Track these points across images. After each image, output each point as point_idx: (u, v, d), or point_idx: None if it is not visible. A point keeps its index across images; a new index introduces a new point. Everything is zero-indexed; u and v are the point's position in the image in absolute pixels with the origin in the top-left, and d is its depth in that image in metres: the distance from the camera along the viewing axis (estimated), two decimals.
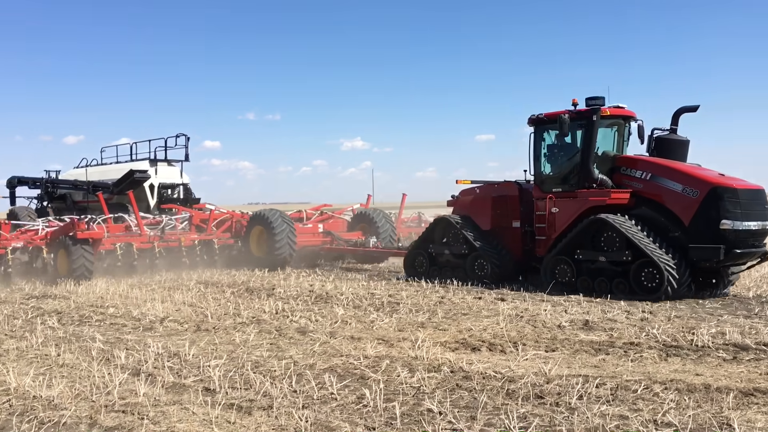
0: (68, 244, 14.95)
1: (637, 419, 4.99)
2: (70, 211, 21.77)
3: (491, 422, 5.02)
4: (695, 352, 7.27)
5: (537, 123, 13.20)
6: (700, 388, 5.81)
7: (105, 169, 23.10)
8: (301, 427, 4.92)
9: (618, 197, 12.02)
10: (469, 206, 14.35)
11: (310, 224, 19.14)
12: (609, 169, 12.54)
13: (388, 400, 5.55)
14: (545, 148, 13.24)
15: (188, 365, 6.91)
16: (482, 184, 14.58)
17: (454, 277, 13.73)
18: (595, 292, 11.49)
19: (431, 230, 14.82)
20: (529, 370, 6.51)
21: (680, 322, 8.93)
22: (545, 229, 12.77)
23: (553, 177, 13.03)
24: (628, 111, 12.77)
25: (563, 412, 5.22)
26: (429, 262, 14.54)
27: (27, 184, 23.91)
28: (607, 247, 11.70)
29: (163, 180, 21.62)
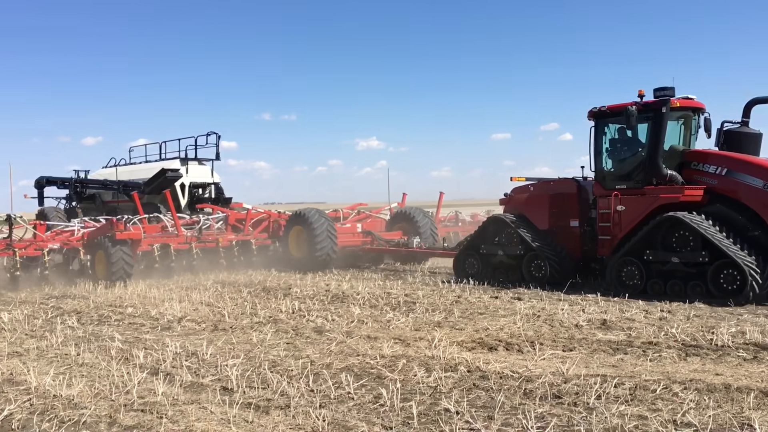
0: (107, 245, 14.48)
1: (656, 419, 4.95)
2: (99, 212, 21.52)
3: (508, 422, 5.00)
4: (715, 352, 7.20)
5: (598, 116, 12.56)
6: (720, 388, 5.75)
7: (134, 168, 22.79)
8: (318, 426, 4.93)
9: (692, 194, 11.37)
10: (524, 204, 13.69)
11: (348, 224, 18.64)
12: (677, 164, 11.91)
13: (404, 400, 5.54)
14: (607, 142, 12.60)
15: (206, 364, 6.95)
16: (536, 181, 14.05)
17: (508, 279, 13.24)
18: (667, 295, 10.87)
19: (483, 230, 14.18)
20: (546, 369, 6.48)
21: (699, 322, 8.84)
22: (610, 228, 12.10)
23: (616, 173, 12.39)
24: (697, 102, 12.15)
25: (581, 412, 5.19)
26: (480, 263, 13.94)
27: (56, 184, 23.52)
28: (680, 248, 11.03)
29: (193, 179, 21.24)
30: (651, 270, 11.34)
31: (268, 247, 18.06)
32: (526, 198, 13.73)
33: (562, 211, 13.14)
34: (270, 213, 18.91)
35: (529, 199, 13.68)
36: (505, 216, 13.72)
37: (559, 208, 13.16)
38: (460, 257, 14.47)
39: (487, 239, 13.98)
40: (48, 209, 22.56)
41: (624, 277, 11.61)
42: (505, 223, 13.56)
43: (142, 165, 22.73)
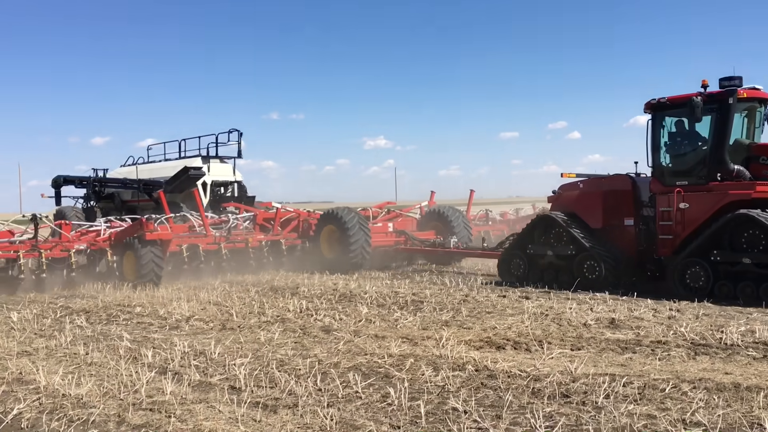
0: (136, 246, 13.84)
1: (665, 418, 4.93)
2: (118, 211, 21.05)
3: (517, 421, 4.99)
4: (724, 351, 7.16)
5: (656, 108, 11.89)
6: (730, 387, 5.72)
7: (154, 167, 22.31)
8: (326, 425, 4.94)
9: (765, 190, 10.68)
10: (575, 202, 13.01)
11: (379, 223, 18.02)
12: (743, 159, 11.35)
13: (412, 399, 5.54)
14: (666, 136, 11.94)
15: (214, 364, 6.97)
16: (585, 177, 13.40)
17: (558, 281, 12.57)
18: (737, 298, 10.33)
19: (530, 229, 13.44)
20: (554, 368, 6.46)
21: (708, 321, 8.80)
22: (671, 227, 11.43)
23: (676, 169, 11.71)
24: (764, 93, 11.58)
25: (590, 412, 5.17)
26: (527, 264, 13.27)
27: (73, 183, 22.97)
28: (751, 248, 10.40)
29: (215, 177, 20.66)
30: (718, 271, 10.73)
31: (297, 248, 17.53)
32: (577, 195, 13.08)
33: (616, 208, 12.46)
34: (299, 212, 18.26)
35: (580, 197, 13.02)
36: (555, 214, 13.02)
37: (613, 205, 12.49)
38: (505, 258, 13.83)
39: (535, 239, 13.30)
40: (66, 209, 22.08)
41: (688, 279, 11.04)
42: (555, 221, 12.88)
43: (162, 163, 22.26)
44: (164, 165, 21.82)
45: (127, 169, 23.17)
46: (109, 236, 14.90)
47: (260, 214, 17.88)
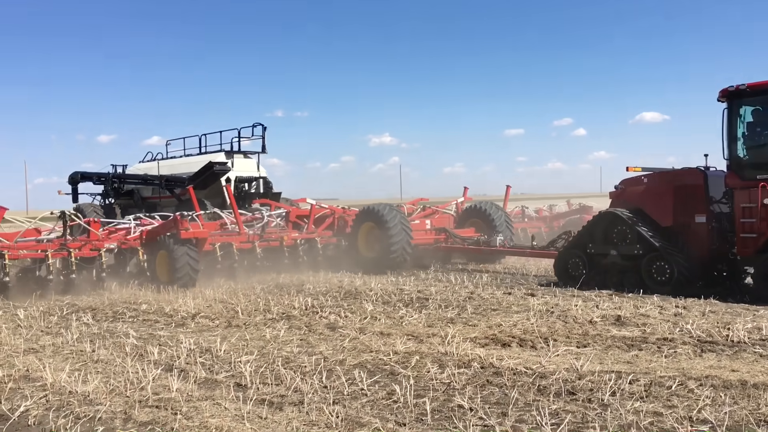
0: (171, 245, 13.04)
1: (671, 416, 4.92)
2: (138, 208, 20.42)
3: (522, 418, 4.99)
4: (731, 348, 7.14)
5: (733, 96, 11.07)
6: (737, 384, 5.71)
7: (175, 163, 21.54)
8: (331, 422, 4.94)
9: None
10: (641, 198, 12.13)
11: (416, 220, 17.03)
12: None
13: (418, 396, 5.54)
14: (743, 126, 11.13)
15: (220, 361, 6.98)
16: (651, 171, 12.53)
17: (623, 282, 11.72)
18: None
19: (591, 227, 12.56)
20: (560, 366, 6.46)
21: (715, 318, 8.78)
22: (754, 224, 10.60)
23: (757, 161, 10.85)
24: None
25: (596, 409, 5.16)
26: (587, 264, 12.39)
27: (91, 179, 22.23)
28: None
29: (239, 173, 19.81)
30: None
31: (330, 246, 16.69)
32: (644, 191, 12.16)
33: (687, 205, 11.55)
34: (334, 209, 17.53)
35: (647, 192, 12.09)
36: (620, 211, 12.10)
37: (684, 201, 11.62)
38: (563, 258, 12.95)
39: (596, 237, 12.39)
40: (84, 206, 21.38)
41: None
42: (620, 218, 11.99)
43: (183, 159, 21.54)
44: (185, 161, 21.16)
45: (146, 165, 22.47)
46: (140, 234, 14.17)
47: (293, 211, 17.27)
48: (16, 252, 12.56)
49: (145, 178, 21.00)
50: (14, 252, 12.50)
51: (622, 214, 12.05)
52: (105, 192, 22.23)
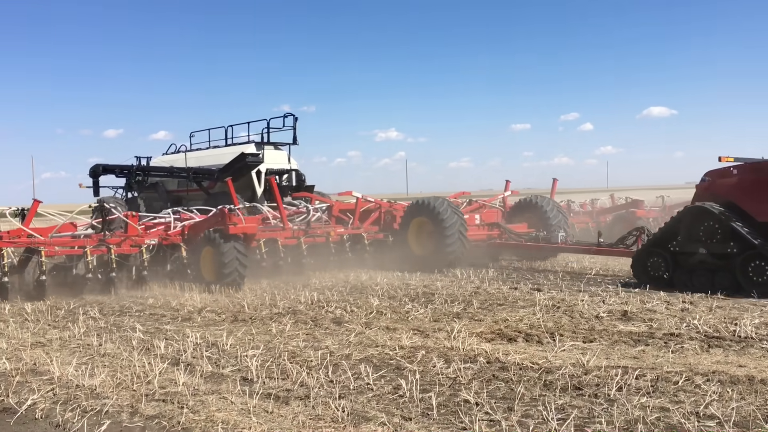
0: (217, 241, 12.10)
1: (678, 411, 4.90)
2: (163, 202, 19.59)
3: (528, 413, 4.98)
4: (738, 344, 7.11)
5: None
6: (744, 380, 5.68)
7: (201, 155, 20.74)
8: (337, 416, 4.94)
9: None
10: (733, 191, 11.08)
11: (466, 215, 15.62)
12: None
13: (424, 391, 5.54)
14: None
15: (226, 355, 6.99)
16: (743, 162, 11.47)
17: (714, 283, 10.66)
18: None
19: (674, 224, 11.49)
20: (566, 361, 6.44)
21: (722, 313, 8.74)
22: None
23: None
24: None
25: (602, 404, 5.15)
26: (670, 263, 11.34)
27: (113, 172, 20.94)
28: None
29: (270, 165, 18.91)
30: None
31: (382, 242, 15.70)
32: (736, 183, 11.11)
33: None
34: (380, 202, 16.57)
35: (741, 185, 11.02)
36: (710, 206, 11.04)
37: None
38: (641, 257, 11.93)
39: (681, 234, 11.33)
40: (108, 199, 19.95)
41: None
42: (709, 213, 10.93)
43: (211, 151, 20.74)
44: (213, 153, 20.42)
45: (171, 157, 21.56)
46: (182, 229, 13.23)
47: (336, 204, 16.46)
48: (53, 248, 11.72)
49: (171, 170, 19.98)
50: (50, 248, 11.66)
51: (712, 208, 10.97)
52: (128, 185, 21.32)
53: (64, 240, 12.23)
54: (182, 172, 19.52)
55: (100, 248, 11.97)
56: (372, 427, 4.72)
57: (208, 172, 18.87)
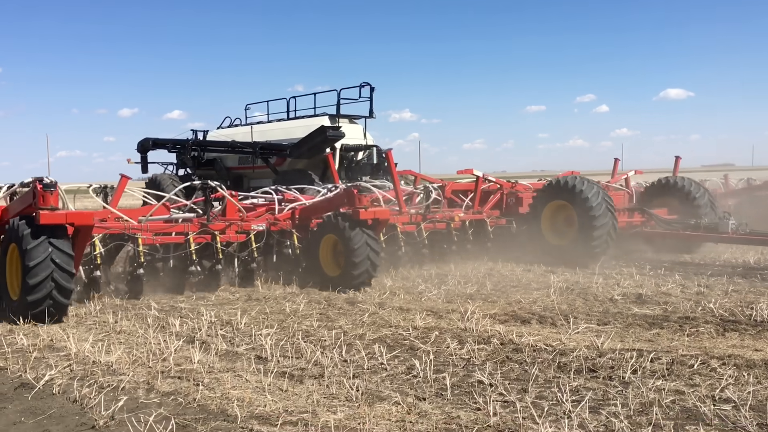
0: (344, 228, 9.73)
1: (693, 395, 4.88)
2: (221, 180, 17.49)
3: (543, 395, 4.98)
4: (754, 327, 7.06)
5: None
6: (760, 364, 5.64)
7: (267, 128, 19.04)
8: (351, 395, 4.96)
9: None
10: None
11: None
12: None
13: (437, 371, 5.54)
14: None
15: (240, 333, 7.03)
16: None
17: None
18: None
19: None
20: (580, 343, 6.43)
21: (738, 297, 8.68)
22: None
23: None
24: None
25: (617, 386, 5.14)
26: None
27: (164, 147, 19.26)
28: None
29: (346, 141, 16.80)
30: None
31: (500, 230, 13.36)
32: None
33: None
34: (502, 182, 14.34)
35: None
36: None
37: None
38: None
39: None
40: (161, 177, 18.55)
41: None
42: None
43: (277, 124, 19.06)
44: (281, 126, 18.73)
45: (229, 131, 19.92)
46: (292, 213, 11.07)
47: (449, 185, 14.33)
48: (150, 236, 9.55)
49: (234, 145, 18.10)
50: (147, 235, 9.50)
51: None
52: (180, 162, 19.60)
53: (161, 225, 9.92)
54: (247, 147, 17.68)
55: (204, 236, 9.80)
56: (386, 406, 4.73)
57: (279, 147, 17.08)
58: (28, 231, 7.62)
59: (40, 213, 7.60)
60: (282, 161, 17.14)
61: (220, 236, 9.84)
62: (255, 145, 17.54)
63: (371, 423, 4.37)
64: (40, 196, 7.68)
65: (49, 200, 7.68)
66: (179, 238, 9.73)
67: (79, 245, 8.11)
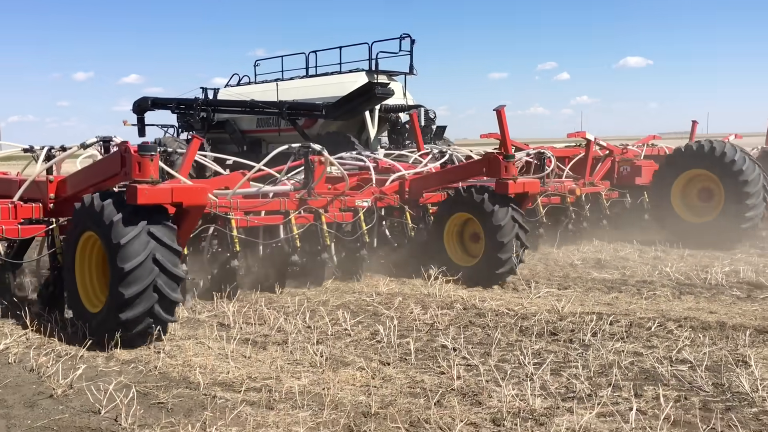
0: (483, 203, 7.66)
1: (652, 356, 4.99)
2: (236, 145, 16.82)
3: (505, 358, 5.03)
4: (709, 291, 7.25)
5: None
6: (715, 325, 5.80)
7: (290, 86, 16.95)
8: (315, 361, 4.94)
9: None
10: None
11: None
12: None
13: (401, 336, 5.56)
14: None
15: (202, 301, 6.93)
16: None
17: None
18: None
19: None
20: (542, 307, 6.52)
21: (693, 261, 8.90)
22: None
23: None
24: None
25: (577, 349, 5.22)
26: None
27: (166, 107, 17.26)
28: None
29: (386, 101, 14.94)
30: None
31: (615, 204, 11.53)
32: None
33: None
34: (612, 148, 12.10)
35: None
36: None
37: None
38: None
39: None
40: (167, 140, 16.30)
41: None
42: None
43: (306, 81, 16.95)
44: (309, 83, 16.83)
45: (242, 89, 17.87)
46: (400, 185, 8.81)
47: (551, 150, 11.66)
48: (242, 215, 7.17)
49: (256, 104, 15.91)
50: (240, 215, 7.15)
51: None
52: (185, 124, 17.75)
53: (253, 202, 7.46)
54: (272, 107, 15.71)
55: (307, 214, 7.64)
56: (350, 371, 4.73)
57: (311, 106, 15.23)
58: (118, 216, 5.21)
59: (138, 188, 5.24)
60: (312, 123, 15.57)
61: (326, 216, 7.67)
62: (281, 105, 15.60)
63: (336, 388, 4.36)
64: (135, 164, 5.34)
65: (148, 169, 5.36)
66: (277, 219, 7.42)
67: (183, 234, 5.78)
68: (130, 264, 5.09)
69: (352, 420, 3.88)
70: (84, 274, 5.79)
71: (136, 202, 5.22)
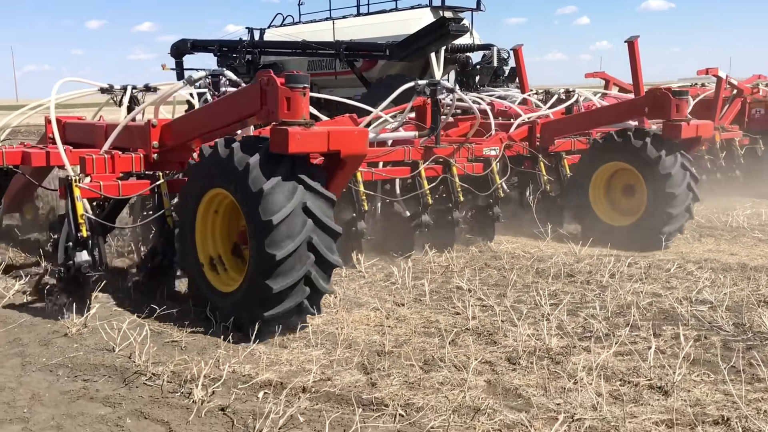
0: (645, 151, 6.51)
1: (671, 296, 4.91)
2: None
3: (521, 299, 4.97)
4: (729, 233, 7.14)
5: None
6: (736, 267, 5.70)
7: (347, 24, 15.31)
8: (330, 302, 4.90)
9: None
10: None
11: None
12: None
13: (416, 279, 5.50)
14: None
15: None
16: None
17: None
18: None
19: None
20: (558, 250, 6.44)
21: (714, 204, 8.72)
22: None
23: None
24: None
25: (594, 290, 5.15)
26: None
27: (210, 50, 16.21)
28: None
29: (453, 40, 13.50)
30: None
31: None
32: None
33: None
34: (743, 87, 10.23)
35: None
36: None
37: None
38: None
39: None
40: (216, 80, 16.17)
41: None
42: None
43: (362, 19, 15.42)
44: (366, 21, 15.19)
45: (290, 29, 16.32)
46: (530, 130, 7.54)
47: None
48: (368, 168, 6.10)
49: (308, 45, 14.46)
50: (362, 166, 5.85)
51: None
52: (227, 67, 15.01)
53: (375, 151, 6.23)
54: (327, 48, 14.25)
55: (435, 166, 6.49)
56: (364, 312, 4.69)
57: (372, 47, 13.73)
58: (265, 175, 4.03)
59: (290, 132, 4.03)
60: (371, 65, 14.22)
61: (458, 168, 6.53)
62: (338, 45, 14.01)
63: (349, 327, 4.33)
64: (282, 99, 4.12)
65: (300, 107, 4.15)
66: (404, 171, 6.36)
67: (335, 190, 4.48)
68: (281, 252, 3.95)
69: (366, 358, 3.85)
70: (207, 243, 4.67)
71: (287, 150, 4.03)
